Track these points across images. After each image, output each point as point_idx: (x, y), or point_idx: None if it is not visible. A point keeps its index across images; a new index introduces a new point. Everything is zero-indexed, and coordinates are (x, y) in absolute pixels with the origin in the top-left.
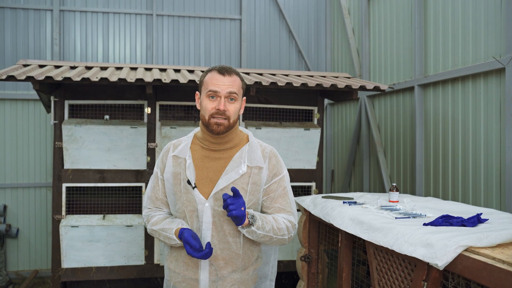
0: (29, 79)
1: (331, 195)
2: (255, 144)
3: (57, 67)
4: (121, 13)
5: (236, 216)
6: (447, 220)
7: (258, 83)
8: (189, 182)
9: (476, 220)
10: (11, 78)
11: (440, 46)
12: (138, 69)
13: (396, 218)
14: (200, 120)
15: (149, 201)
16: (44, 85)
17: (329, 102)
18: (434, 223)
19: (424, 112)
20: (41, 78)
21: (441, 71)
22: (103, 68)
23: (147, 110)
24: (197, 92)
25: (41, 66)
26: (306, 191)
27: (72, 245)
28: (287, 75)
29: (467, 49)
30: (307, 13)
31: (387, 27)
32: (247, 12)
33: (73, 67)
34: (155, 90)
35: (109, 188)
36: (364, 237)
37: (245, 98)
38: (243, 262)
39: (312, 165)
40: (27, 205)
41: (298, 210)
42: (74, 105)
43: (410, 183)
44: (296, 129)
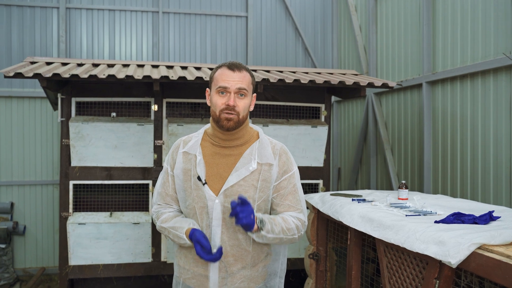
0: (36, 76)
1: (340, 192)
2: (266, 141)
3: (64, 64)
4: (127, 10)
5: (246, 224)
6: (459, 218)
7: (266, 80)
8: (199, 179)
9: (488, 218)
10: (18, 75)
11: (448, 42)
12: (145, 66)
13: (406, 215)
14: (210, 116)
15: (159, 197)
16: (51, 82)
17: (335, 100)
18: (445, 220)
19: (432, 109)
20: (48, 75)
21: (449, 67)
22: (110, 65)
23: (154, 107)
24: (207, 89)
25: (48, 64)
26: (313, 189)
27: (79, 242)
28: (294, 72)
29: (476, 45)
30: (313, 10)
31: (395, 23)
32: (253, 9)
33: (80, 64)
34: (162, 87)
35: (116, 185)
36: (374, 234)
37: (255, 94)
38: (253, 258)
39: (319, 162)
40: (34, 202)
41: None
42: (81, 103)
43: (418, 180)
44: (303, 127)
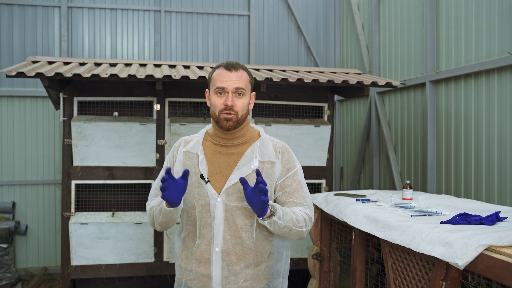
0: (38, 75)
1: (344, 192)
2: (267, 139)
3: (66, 63)
4: (129, 9)
5: (265, 192)
6: (465, 218)
7: (269, 79)
8: (202, 177)
9: (494, 218)
10: (20, 74)
11: (452, 41)
12: (147, 66)
13: (411, 216)
14: (211, 116)
15: (154, 191)
16: (53, 81)
17: (338, 99)
18: (451, 221)
19: (436, 108)
20: (50, 74)
21: (453, 67)
22: (112, 65)
23: (156, 107)
24: (206, 90)
25: (50, 63)
26: (316, 188)
27: (81, 242)
28: (297, 71)
29: (480, 44)
30: (316, 9)
31: (398, 22)
32: (255, 8)
33: (82, 64)
34: (164, 86)
35: (118, 185)
36: (379, 235)
37: (254, 93)
38: (256, 257)
39: (322, 162)
40: (35, 202)
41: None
42: (83, 102)
43: (422, 180)
44: (306, 126)
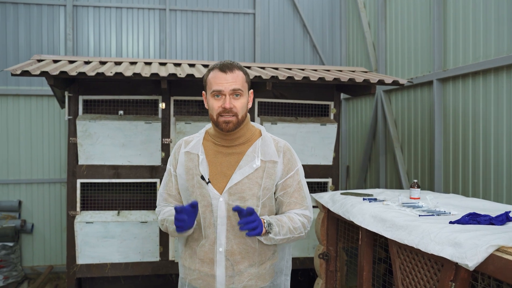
0: (43, 74)
1: (350, 191)
2: (268, 138)
3: (71, 62)
4: (134, 8)
5: (256, 235)
6: (474, 218)
7: (275, 77)
8: (202, 178)
9: (504, 218)
10: (25, 73)
11: (460, 38)
12: (152, 64)
13: (419, 215)
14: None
15: (160, 198)
16: (58, 80)
17: (344, 97)
18: (460, 221)
19: (443, 107)
20: (55, 73)
21: (461, 64)
22: (117, 63)
23: (162, 106)
24: (203, 92)
25: (55, 61)
26: (322, 187)
27: (87, 241)
28: (303, 69)
29: (489, 41)
30: (321, 7)
31: (404, 19)
32: (261, 6)
33: (87, 62)
34: (169, 85)
35: (123, 184)
36: (387, 235)
37: (252, 91)
38: (260, 256)
39: (328, 160)
40: (41, 200)
41: (315, 207)
42: (88, 101)
43: (429, 179)
44: (312, 124)
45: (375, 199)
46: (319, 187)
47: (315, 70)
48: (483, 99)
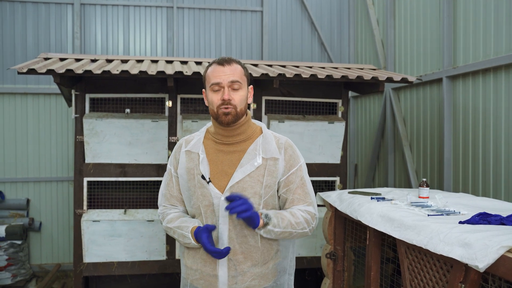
0: (49, 72)
1: (358, 190)
2: (269, 135)
3: (77, 60)
4: (141, 6)
5: (249, 217)
6: (485, 218)
7: (282, 75)
8: (203, 177)
9: None
10: (31, 71)
11: (470, 35)
12: (159, 62)
13: (428, 215)
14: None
15: (163, 198)
16: (64, 78)
17: (352, 95)
18: (470, 221)
19: (453, 104)
20: (61, 71)
21: (471, 61)
22: (123, 61)
23: (168, 104)
24: (203, 90)
25: (62, 60)
26: (330, 186)
27: (93, 239)
28: (310, 67)
29: (499, 38)
30: (329, 4)
31: (414, 16)
32: (268, 4)
33: (93, 60)
34: (176, 83)
35: (130, 182)
36: (395, 235)
37: (252, 86)
38: (263, 255)
39: (336, 159)
40: (49, 199)
41: (323, 206)
42: (95, 99)
43: (438, 178)
44: (320, 123)
45: (383, 198)
46: (327, 186)
47: (323, 67)
48: (493, 96)
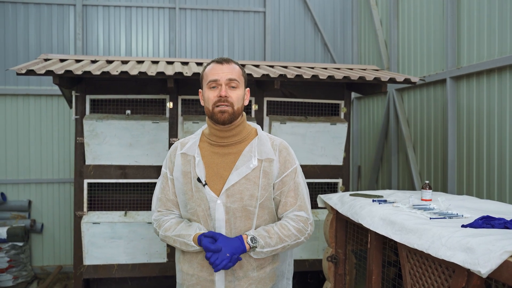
0: (48, 73)
1: (360, 192)
2: (264, 137)
3: (78, 61)
4: (143, 7)
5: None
6: (488, 222)
7: (283, 76)
8: (199, 180)
9: None
10: (30, 72)
11: (474, 35)
12: (159, 63)
13: (430, 218)
14: (206, 115)
15: (159, 203)
16: (64, 79)
17: (355, 96)
18: (473, 224)
19: (457, 105)
20: (60, 72)
21: (475, 62)
22: (124, 62)
23: (169, 105)
24: (200, 90)
25: (62, 60)
26: (332, 188)
27: (93, 242)
28: (312, 67)
29: (504, 37)
30: (332, 5)
31: (417, 17)
32: (271, 4)
33: (94, 61)
34: (176, 84)
35: (130, 184)
36: (396, 238)
37: (248, 89)
38: (260, 260)
39: (338, 161)
40: (51, 200)
41: (324, 208)
42: (96, 100)
43: (442, 180)
44: (322, 124)
45: (385, 201)
46: (329, 188)
47: (325, 68)
48: (498, 97)
